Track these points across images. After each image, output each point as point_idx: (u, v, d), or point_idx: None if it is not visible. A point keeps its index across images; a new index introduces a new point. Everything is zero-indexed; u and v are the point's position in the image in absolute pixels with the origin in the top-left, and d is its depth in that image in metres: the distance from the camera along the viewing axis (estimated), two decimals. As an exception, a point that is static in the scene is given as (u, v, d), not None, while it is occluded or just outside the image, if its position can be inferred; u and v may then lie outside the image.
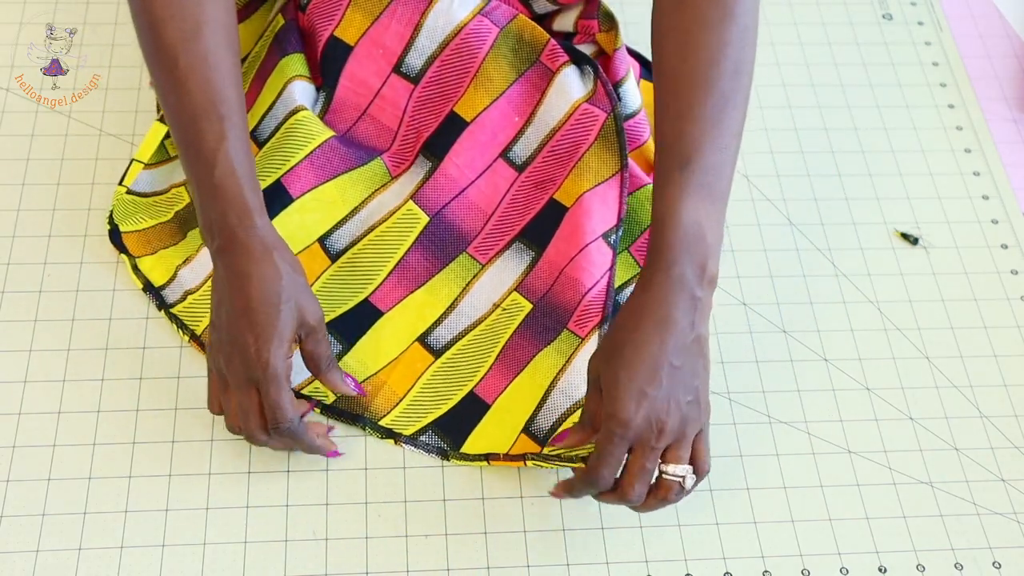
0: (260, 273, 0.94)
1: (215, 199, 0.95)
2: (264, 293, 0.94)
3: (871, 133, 1.30)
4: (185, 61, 0.96)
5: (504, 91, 1.12)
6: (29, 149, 1.20)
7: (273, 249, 0.95)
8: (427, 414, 1.05)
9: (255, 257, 0.94)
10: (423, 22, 1.12)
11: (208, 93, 0.96)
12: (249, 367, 0.94)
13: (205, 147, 0.96)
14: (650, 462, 0.91)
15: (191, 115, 0.96)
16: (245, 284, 0.94)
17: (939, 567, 1.01)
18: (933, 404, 1.10)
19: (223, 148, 0.96)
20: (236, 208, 0.95)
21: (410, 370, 1.06)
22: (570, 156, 1.11)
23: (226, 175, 0.95)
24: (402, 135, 1.14)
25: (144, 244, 1.12)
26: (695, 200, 0.93)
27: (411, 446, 1.04)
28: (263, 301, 0.94)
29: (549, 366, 1.05)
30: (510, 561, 0.99)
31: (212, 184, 0.95)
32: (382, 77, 1.13)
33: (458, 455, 1.03)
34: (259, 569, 0.97)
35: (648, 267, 0.94)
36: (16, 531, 0.98)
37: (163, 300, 1.09)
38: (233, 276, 0.95)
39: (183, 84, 0.96)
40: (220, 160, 0.95)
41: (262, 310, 0.93)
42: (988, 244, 1.21)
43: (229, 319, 0.95)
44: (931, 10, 1.42)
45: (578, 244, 1.08)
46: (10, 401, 1.04)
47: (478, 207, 1.12)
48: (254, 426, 0.95)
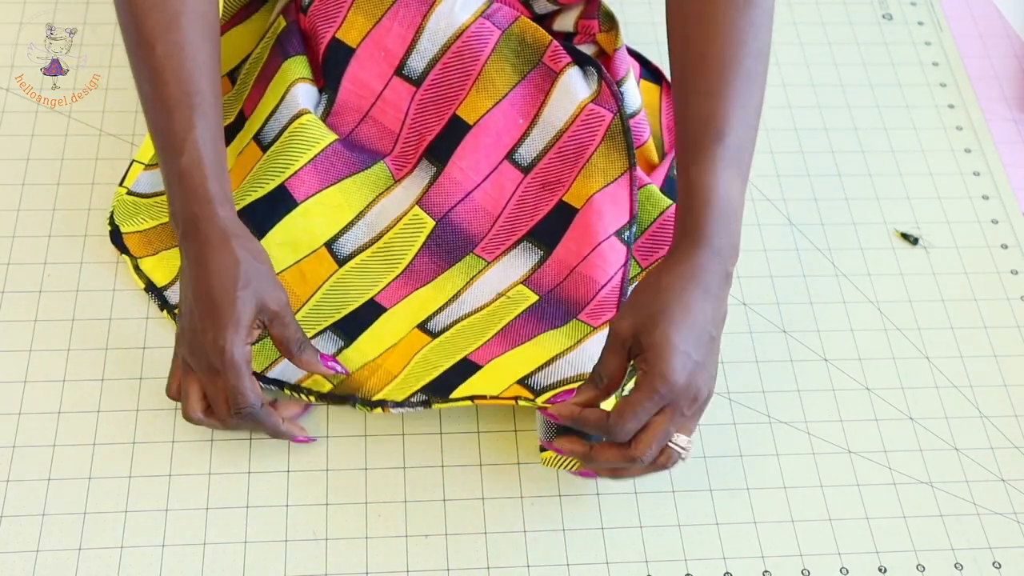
0: (218, 261, 0.95)
1: (180, 187, 0.97)
2: (221, 281, 0.95)
3: (871, 133, 1.30)
4: (161, 50, 0.97)
5: (507, 94, 1.12)
6: (29, 149, 1.20)
7: (232, 237, 0.96)
8: (418, 381, 1.04)
9: (213, 245, 0.96)
10: (425, 24, 1.12)
11: (181, 83, 0.97)
12: (209, 355, 0.95)
13: (174, 136, 0.97)
14: (675, 426, 0.90)
15: (163, 104, 0.97)
16: (203, 272, 0.95)
17: (939, 567, 1.01)
18: (933, 404, 1.10)
19: (191, 137, 0.96)
20: (199, 197, 0.96)
21: (407, 351, 1.06)
22: (577, 157, 1.11)
23: (192, 164, 0.96)
24: (404, 138, 1.14)
25: (146, 245, 1.12)
26: (729, 175, 0.94)
27: (398, 409, 1.03)
28: (220, 289, 0.95)
29: (553, 344, 1.03)
30: (510, 561, 0.99)
31: (179, 172, 0.96)
32: (384, 80, 1.13)
33: (442, 400, 1.02)
34: (259, 569, 0.97)
35: (685, 238, 0.93)
36: (16, 531, 0.98)
37: (165, 300, 1.09)
38: (193, 265, 0.96)
39: (158, 73, 0.97)
40: (187, 149, 0.96)
41: (219, 298, 0.95)
42: (988, 244, 1.21)
43: (190, 308, 0.96)
44: (931, 10, 1.42)
45: (591, 243, 1.07)
46: (10, 401, 1.04)
47: (484, 209, 1.12)
48: (222, 410, 0.97)
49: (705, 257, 0.92)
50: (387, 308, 1.09)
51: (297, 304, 1.08)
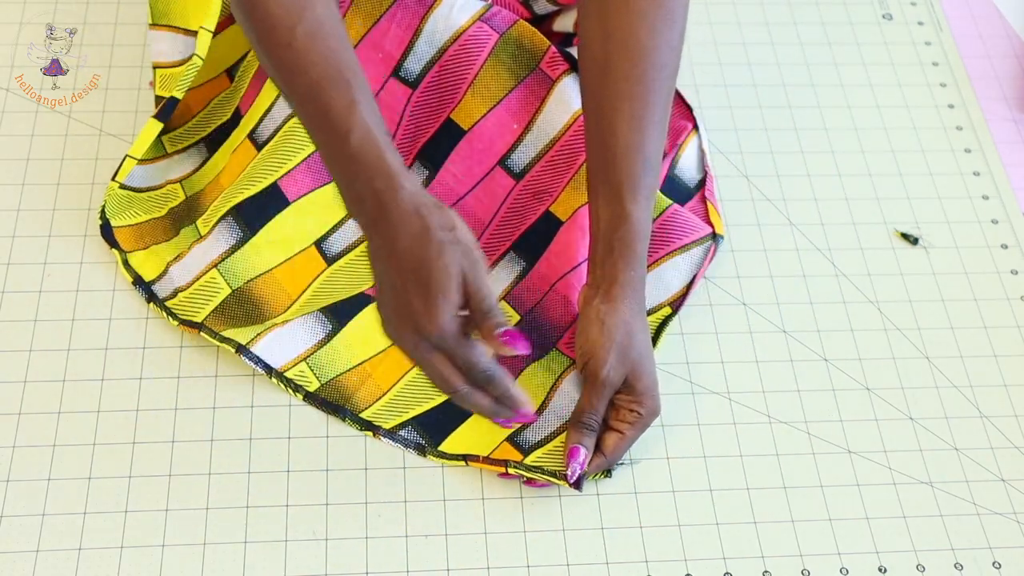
0: (413, 235, 0.90)
1: (355, 166, 0.92)
2: (422, 254, 0.89)
3: (871, 133, 1.29)
4: (303, 30, 0.93)
5: (502, 99, 1.12)
6: (29, 149, 1.20)
7: (422, 207, 0.91)
8: (409, 410, 1.05)
9: (406, 219, 0.90)
10: (423, 27, 1.12)
11: (331, 60, 0.93)
12: (424, 330, 0.90)
13: (336, 117, 0.92)
14: None
15: (316, 86, 0.92)
16: (401, 247, 0.90)
17: (939, 567, 1.01)
18: (933, 404, 1.10)
19: (355, 115, 0.92)
20: (381, 172, 0.91)
21: (397, 365, 1.06)
22: (568, 167, 1.11)
23: (364, 141, 0.91)
24: (399, 139, 1.14)
25: (136, 239, 1.12)
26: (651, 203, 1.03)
27: (389, 439, 1.03)
28: (422, 261, 0.89)
29: (538, 384, 1.05)
30: (510, 561, 0.99)
31: (349, 153, 0.91)
32: (380, 81, 1.13)
33: (436, 452, 1.03)
34: (259, 569, 0.97)
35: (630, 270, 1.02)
36: (16, 531, 0.98)
37: (153, 295, 1.09)
38: (389, 241, 0.91)
39: (304, 54, 0.93)
40: (355, 126, 0.91)
41: (422, 271, 0.89)
42: (988, 244, 1.21)
43: (392, 284, 0.92)
44: (931, 10, 1.42)
45: (571, 261, 1.08)
46: (10, 401, 1.04)
47: (475, 215, 1.12)
48: (456, 381, 0.92)
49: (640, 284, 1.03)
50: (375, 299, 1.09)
51: (288, 301, 1.08)
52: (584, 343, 1.01)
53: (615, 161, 1.01)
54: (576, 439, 1.00)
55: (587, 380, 1.01)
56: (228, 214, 1.09)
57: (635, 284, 1.02)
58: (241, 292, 1.08)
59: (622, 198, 1.01)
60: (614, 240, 1.01)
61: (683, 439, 1.06)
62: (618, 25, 1.01)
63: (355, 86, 0.93)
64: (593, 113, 1.03)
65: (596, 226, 1.03)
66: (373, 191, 0.91)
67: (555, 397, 1.04)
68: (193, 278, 1.09)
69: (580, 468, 0.99)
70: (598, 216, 1.02)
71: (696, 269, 1.13)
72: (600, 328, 1.00)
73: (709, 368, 1.10)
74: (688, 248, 1.12)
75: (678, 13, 1.02)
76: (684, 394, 1.08)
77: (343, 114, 0.92)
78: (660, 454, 1.05)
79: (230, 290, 1.08)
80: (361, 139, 0.91)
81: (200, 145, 1.19)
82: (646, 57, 1.01)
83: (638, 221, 1.01)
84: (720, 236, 1.15)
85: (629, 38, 1.01)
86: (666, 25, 1.01)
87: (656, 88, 1.01)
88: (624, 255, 1.01)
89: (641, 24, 1.00)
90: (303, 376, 1.05)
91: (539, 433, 1.03)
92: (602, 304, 1.01)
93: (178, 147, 1.19)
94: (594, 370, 1.00)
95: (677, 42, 1.02)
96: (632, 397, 1.01)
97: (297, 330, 1.06)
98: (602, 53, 1.02)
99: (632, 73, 1.01)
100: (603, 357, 0.99)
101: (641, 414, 1.01)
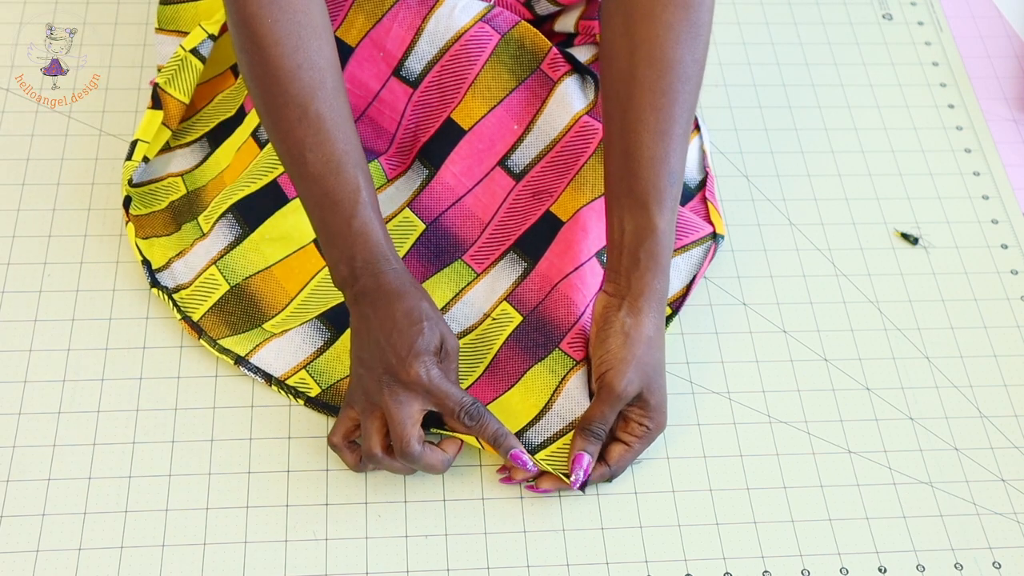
0: (404, 305, 0.97)
1: (354, 246, 0.98)
2: (409, 319, 0.96)
3: (871, 133, 1.30)
4: (316, 110, 0.98)
5: (502, 100, 1.12)
6: (29, 149, 1.20)
7: (413, 287, 0.98)
8: None
9: (395, 292, 0.97)
10: (424, 26, 1.12)
11: (341, 143, 0.98)
12: (399, 381, 0.95)
13: (344, 198, 0.98)
14: None
15: (327, 167, 0.98)
16: (390, 316, 0.96)
17: (939, 567, 1.01)
18: (933, 404, 1.10)
19: (360, 198, 0.98)
20: (378, 253, 0.98)
21: None
22: (569, 168, 1.11)
23: (367, 223, 0.98)
24: (399, 138, 1.14)
25: (139, 228, 1.12)
26: (675, 215, 1.03)
27: None
28: (407, 323, 0.96)
29: (541, 386, 1.05)
30: (510, 561, 0.99)
31: (351, 233, 0.98)
32: (381, 80, 1.13)
33: None
34: (259, 569, 0.97)
35: (654, 279, 1.02)
36: (16, 531, 0.98)
37: (156, 280, 1.09)
38: (377, 313, 0.97)
39: (317, 134, 0.98)
40: (359, 210, 0.98)
41: (407, 331, 0.96)
42: (988, 244, 1.21)
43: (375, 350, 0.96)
44: (931, 10, 1.42)
45: (573, 261, 1.08)
46: (10, 401, 1.04)
47: (475, 215, 1.12)
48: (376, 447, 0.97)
49: (664, 297, 1.03)
50: None
51: (285, 299, 1.08)
52: (604, 353, 1.01)
53: (640, 172, 1.01)
54: (582, 446, 1.00)
55: (602, 389, 1.01)
56: (229, 211, 1.10)
57: (660, 296, 1.02)
58: (239, 289, 1.09)
59: (648, 210, 1.01)
60: (640, 252, 1.01)
61: (683, 439, 1.06)
62: (645, 36, 1.01)
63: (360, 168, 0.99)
64: (617, 123, 1.03)
65: (619, 236, 1.03)
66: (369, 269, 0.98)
67: (559, 399, 1.04)
68: (193, 276, 1.09)
69: (584, 475, 0.99)
70: (621, 226, 1.02)
71: (696, 269, 1.13)
72: (624, 341, 1.01)
73: (709, 368, 1.10)
74: (688, 249, 1.12)
75: (704, 26, 1.02)
76: (684, 394, 1.08)
77: (350, 196, 0.98)
78: (660, 454, 1.05)
79: (228, 287, 1.08)
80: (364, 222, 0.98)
81: (203, 140, 1.19)
82: (672, 69, 1.01)
83: (664, 233, 1.01)
84: (721, 236, 1.15)
85: (656, 50, 1.01)
86: (692, 37, 1.01)
87: (681, 100, 1.01)
88: (651, 267, 1.01)
89: (668, 35, 1.00)
90: (304, 383, 1.05)
91: (541, 435, 1.03)
92: (628, 317, 1.01)
93: (180, 142, 1.19)
94: (611, 382, 1.00)
95: (702, 54, 1.02)
96: (644, 411, 1.01)
97: (295, 340, 1.06)
98: (628, 64, 1.02)
99: (658, 85, 1.01)
100: (623, 371, 1.00)
101: (650, 428, 1.02)
